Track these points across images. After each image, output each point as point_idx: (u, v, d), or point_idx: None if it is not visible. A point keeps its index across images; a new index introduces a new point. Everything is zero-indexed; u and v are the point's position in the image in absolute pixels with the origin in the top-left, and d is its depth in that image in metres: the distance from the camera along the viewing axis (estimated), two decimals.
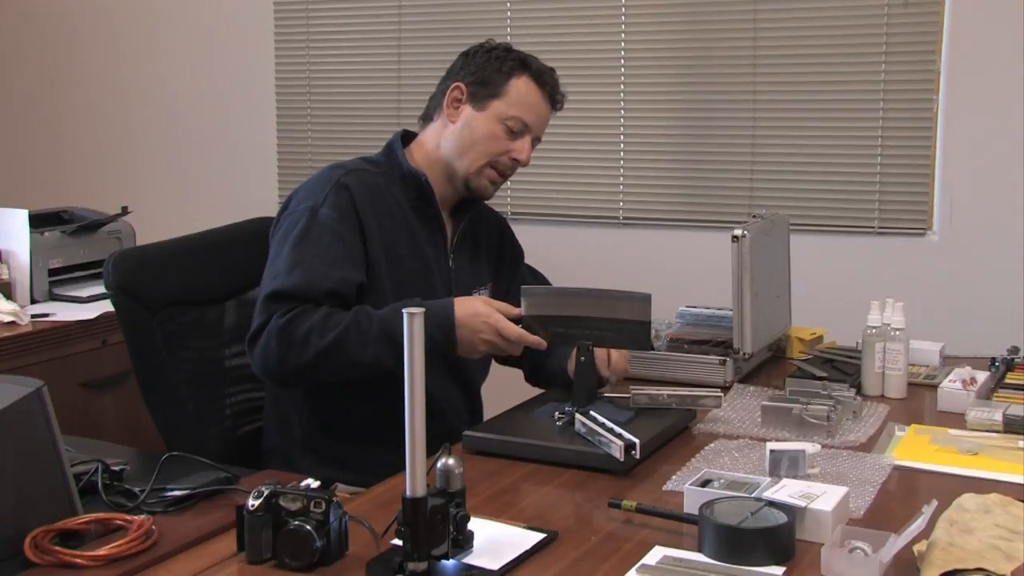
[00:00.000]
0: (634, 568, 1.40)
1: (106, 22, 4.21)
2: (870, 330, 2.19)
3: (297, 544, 1.39)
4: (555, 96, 2.15)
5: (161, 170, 4.17)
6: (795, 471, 1.64)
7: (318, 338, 1.87)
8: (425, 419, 1.30)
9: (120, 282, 2.07)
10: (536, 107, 2.11)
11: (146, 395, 2.11)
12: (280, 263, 1.95)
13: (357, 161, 2.14)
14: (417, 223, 2.10)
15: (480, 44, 2.16)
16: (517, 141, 2.10)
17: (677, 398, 1.98)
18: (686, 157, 3.41)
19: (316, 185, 2.04)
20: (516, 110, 2.08)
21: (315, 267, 1.92)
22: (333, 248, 1.95)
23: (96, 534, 1.45)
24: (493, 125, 2.08)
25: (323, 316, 1.89)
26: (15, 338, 2.81)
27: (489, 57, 2.11)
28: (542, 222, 3.58)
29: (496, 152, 2.09)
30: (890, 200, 3.18)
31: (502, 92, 2.08)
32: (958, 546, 1.36)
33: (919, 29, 3.10)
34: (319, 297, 1.91)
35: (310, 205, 1.99)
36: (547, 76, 2.14)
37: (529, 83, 2.10)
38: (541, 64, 2.15)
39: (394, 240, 2.05)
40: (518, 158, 2.11)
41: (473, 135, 2.09)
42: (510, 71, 2.09)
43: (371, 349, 1.88)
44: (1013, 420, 1.94)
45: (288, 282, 1.91)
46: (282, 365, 1.89)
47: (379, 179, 2.08)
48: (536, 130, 2.13)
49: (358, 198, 2.01)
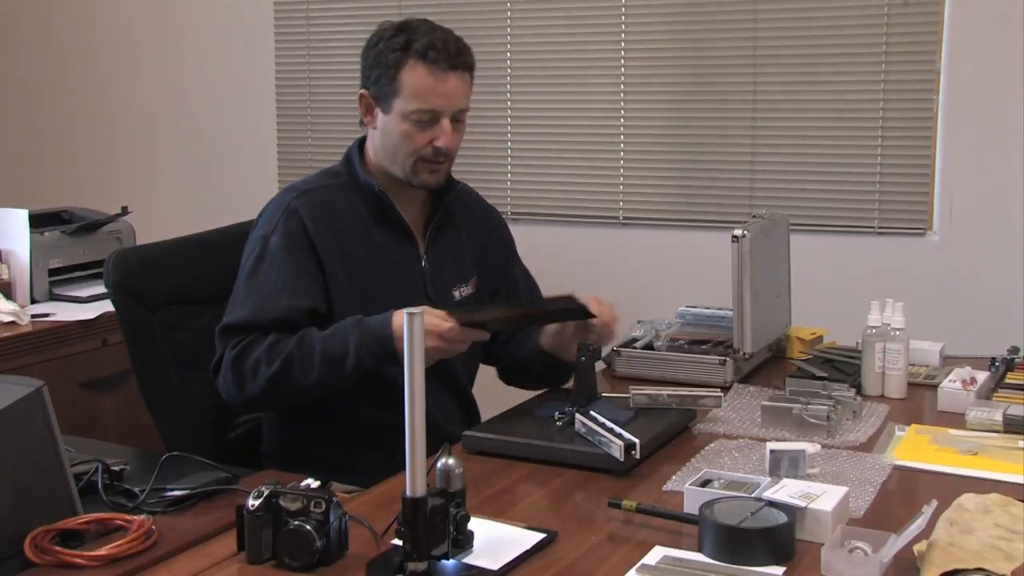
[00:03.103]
0: (634, 568, 1.40)
1: (106, 23, 4.21)
2: (870, 330, 2.19)
3: (297, 544, 1.39)
4: (455, 62, 2.00)
5: (161, 170, 4.17)
6: (795, 471, 1.64)
7: (266, 367, 1.89)
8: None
9: (120, 281, 2.08)
10: (435, 88, 1.99)
11: (145, 394, 2.11)
12: (235, 296, 1.99)
13: (316, 177, 2.12)
14: (380, 231, 2.07)
15: (371, 35, 2.06)
16: (433, 129, 2.01)
17: (677, 398, 1.98)
18: (686, 157, 3.41)
19: (270, 212, 2.05)
20: (415, 103, 1.99)
21: (263, 297, 1.95)
22: (282, 276, 1.96)
23: (96, 534, 1.45)
24: (403, 125, 2.01)
25: (269, 345, 1.91)
26: (15, 338, 2.81)
27: (376, 52, 2.03)
28: (542, 222, 3.58)
29: (418, 148, 2.02)
30: (890, 200, 3.18)
31: (397, 89, 2.00)
32: (958, 546, 1.36)
33: (919, 29, 3.10)
34: (267, 326, 1.93)
35: (262, 234, 2.01)
36: (437, 47, 1.99)
37: (417, 67, 1.98)
38: (430, 35, 2.00)
39: (355, 254, 2.03)
40: (439, 146, 2.02)
41: (391, 139, 2.03)
42: (397, 63, 1.99)
43: (315, 373, 1.89)
44: (1013, 420, 1.94)
45: (239, 315, 1.95)
46: (240, 395, 1.94)
47: (337, 193, 2.06)
48: (448, 109, 2.01)
49: (309, 221, 2.00)
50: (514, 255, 2.32)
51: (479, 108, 3.65)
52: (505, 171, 3.62)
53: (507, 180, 3.62)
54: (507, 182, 3.62)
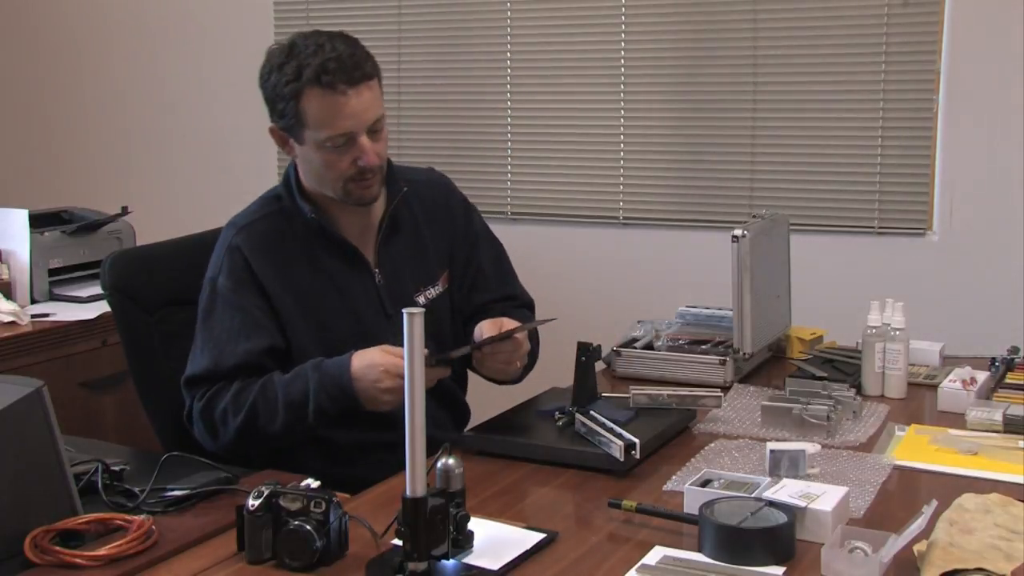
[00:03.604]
0: (634, 568, 1.40)
1: (106, 22, 4.21)
2: (870, 330, 2.19)
3: (297, 544, 1.39)
4: (353, 77, 1.86)
5: (161, 170, 4.17)
6: (795, 471, 1.64)
7: (232, 417, 1.87)
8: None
9: (116, 283, 2.07)
10: (340, 111, 1.87)
11: (142, 395, 2.11)
12: (195, 344, 1.95)
13: (257, 206, 2.04)
14: (326, 254, 2.00)
15: (263, 63, 1.94)
16: (351, 150, 1.90)
17: (677, 398, 1.98)
18: (686, 157, 3.41)
19: (215, 252, 2.00)
20: (324, 131, 1.88)
21: (220, 344, 1.91)
22: (235, 320, 1.92)
23: (96, 534, 1.45)
24: (320, 153, 1.91)
25: (234, 394, 1.88)
26: (15, 338, 2.81)
27: (271, 86, 1.92)
28: (542, 222, 3.58)
29: (342, 171, 1.92)
30: (890, 200, 3.18)
31: (303, 120, 1.89)
32: (958, 546, 1.36)
33: (919, 29, 3.10)
34: (228, 374, 1.90)
35: (210, 277, 1.97)
36: (330, 68, 1.85)
37: (315, 94, 1.86)
38: (320, 56, 1.86)
39: (303, 285, 1.96)
40: (363, 165, 1.91)
41: (313, 168, 1.95)
42: (294, 94, 1.87)
43: (280, 420, 1.86)
44: (1013, 420, 1.94)
45: (200, 365, 1.92)
46: (215, 445, 1.91)
47: (278, 222, 1.99)
48: (360, 126, 1.89)
49: (252, 257, 1.94)
50: (483, 240, 2.19)
51: (479, 108, 3.68)
52: (505, 171, 3.62)
53: (507, 180, 3.62)
54: (507, 182, 3.62)
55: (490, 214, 3.45)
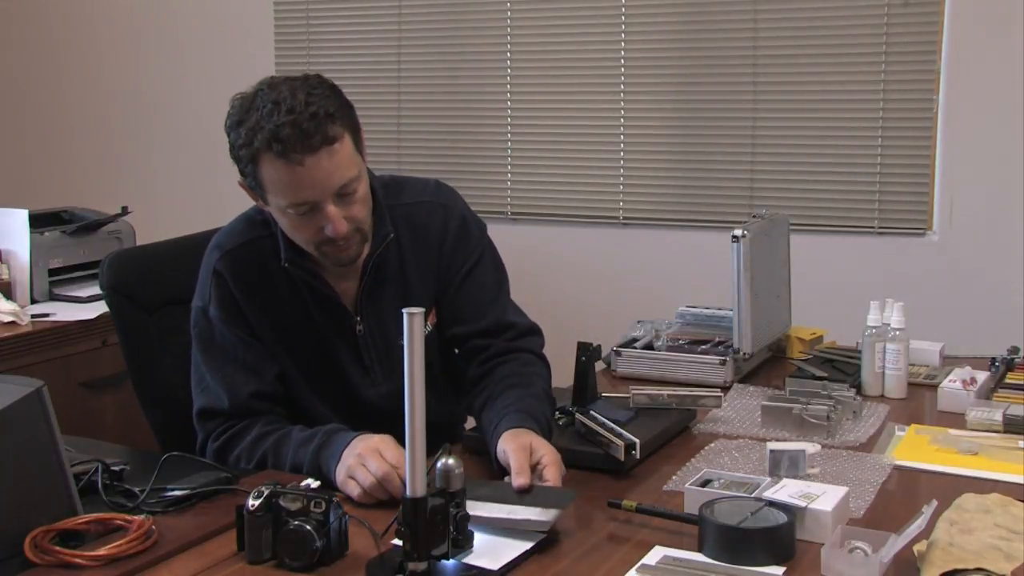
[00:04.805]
0: (634, 568, 1.40)
1: (107, 22, 4.21)
2: (870, 330, 2.19)
3: (297, 544, 1.39)
4: (308, 145, 1.69)
5: (161, 170, 4.17)
6: (795, 471, 1.64)
7: (245, 464, 1.83)
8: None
9: (114, 283, 2.07)
10: (298, 181, 1.71)
11: (140, 395, 2.10)
12: (201, 374, 1.89)
13: (243, 227, 1.93)
14: (306, 295, 1.89)
15: (226, 116, 1.84)
16: (317, 217, 1.75)
17: (677, 398, 1.98)
18: (686, 157, 3.41)
19: (201, 277, 1.93)
20: (284, 198, 1.73)
21: (227, 376, 1.85)
22: (238, 351, 1.87)
23: (96, 534, 1.45)
24: (286, 218, 1.79)
25: (250, 444, 1.82)
26: (15, 338, 2.81)
27: (231, 143, 1.80)
28: (542, 222, 3.59)
29: (312, 237, 1.78)
30: (890, 200, 3.18)
31: (263, 184, 1.76)
32: (958, 546, 1.36)
33: (919, 29, 3.10)
34: (245, 408, 1.85)
35: (200, 306, 1.90)
36: (282, 136, 1.69)
37: (269, 162, 1.71)
38: (273, 119, 1.70)
39: (281, 317, 1.89)
40: (332, 237, 1.76)
41: (285, 227, 1.82)
42: (251, 158, 1.74)
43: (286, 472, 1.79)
44: (1013, 420, 1.94)
45: (213, 400, 1.86)
46: None
47: (265, 250, 1.88)
48: (324, 194, 1.72)
49: (235, 285, 1.87)
50: (479, 266, 1.98)
51: (479, 108, 3.69)
52: (505, 171, 3.62)
53: (507, 180, 3.62)
54: (507, 182, 3.62)
55: (490, 214, 3.47)
